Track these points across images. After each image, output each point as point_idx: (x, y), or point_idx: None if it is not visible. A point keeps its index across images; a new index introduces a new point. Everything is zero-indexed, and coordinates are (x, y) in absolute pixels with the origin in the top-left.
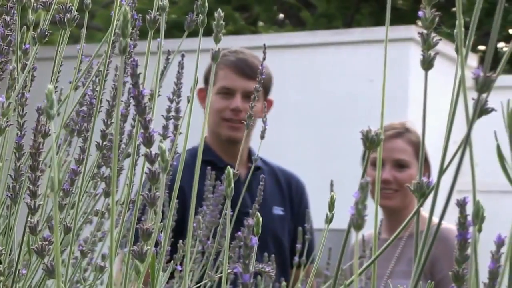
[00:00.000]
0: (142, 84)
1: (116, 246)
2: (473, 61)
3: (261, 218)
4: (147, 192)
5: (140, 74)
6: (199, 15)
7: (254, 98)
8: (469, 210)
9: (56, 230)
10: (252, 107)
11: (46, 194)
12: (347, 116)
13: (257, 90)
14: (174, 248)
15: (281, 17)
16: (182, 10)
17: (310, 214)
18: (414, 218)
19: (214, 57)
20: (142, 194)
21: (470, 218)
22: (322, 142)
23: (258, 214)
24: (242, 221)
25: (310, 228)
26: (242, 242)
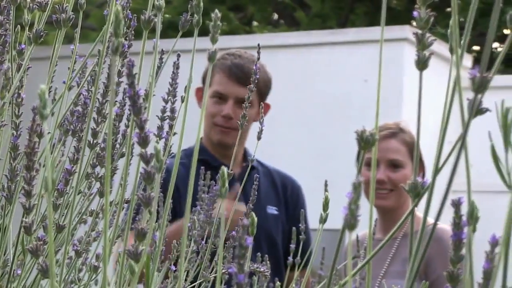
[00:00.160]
0: (137, 84)
1: (110, 246)
2: (467, 61)
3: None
4: (142, 192)
5: (136, 74)
6: (194, 15)
7: (246, 106)
8: (463, 210)
9: (50, 229)
10: (244, 114)
11: (40, 194)
12: (341, 116)
13: (248, 97)
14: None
15: (275, 17)
16: (176, 10)
17: (306, 215)
18: (408, 218)
19: (211, 57)
20: (137, 194)
21: (464, 218)
22: (316, 142)
23: (253, 214)
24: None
25: (307, 228)
26: (237, 242)
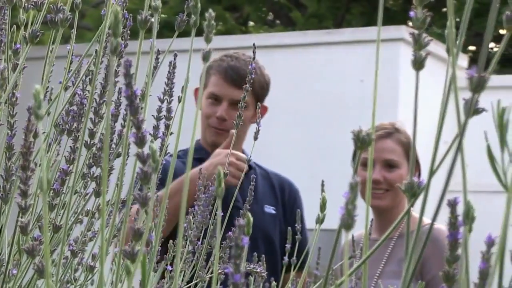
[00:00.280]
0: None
1: (106, 246)
2: (463, 61)
3: (251, 217)
4: (139, 192)
5: (133, 74)
6: (191, 15)
7: (242, 106)
8: (459, 210)
9: (45, 229)
10: (240, 114)
11: (36, 194)
12: (338, 116)
13: (244, 97)
14: (164, 248)
15: (271, 17)
16: (173, 10)
17: (303, 216)
18: (404, 218)
19: (205, 57)
20: (134, 194)
21: (460, 218)
22: (312, 142)
23: (249, 214)
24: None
25: (303, 229)
26: (233, 242)
